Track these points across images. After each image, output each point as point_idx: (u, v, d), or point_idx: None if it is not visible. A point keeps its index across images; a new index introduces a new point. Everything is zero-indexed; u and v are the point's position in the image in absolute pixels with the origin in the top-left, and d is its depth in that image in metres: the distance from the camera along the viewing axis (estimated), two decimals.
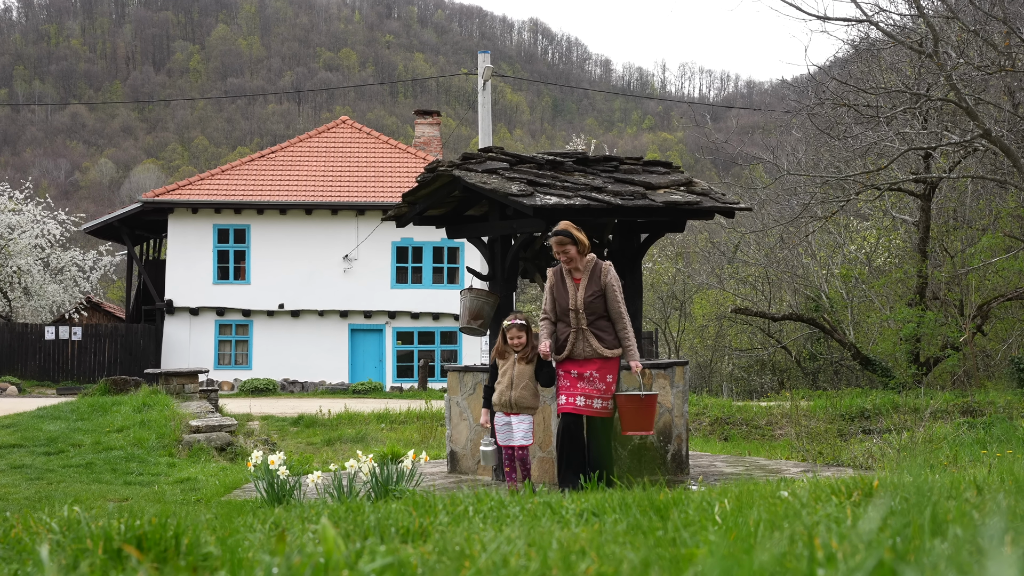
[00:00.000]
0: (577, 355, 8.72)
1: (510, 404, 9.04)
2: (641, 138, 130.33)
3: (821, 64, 26.54)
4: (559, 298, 8.78)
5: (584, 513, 2.89)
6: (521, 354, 9.15)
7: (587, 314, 8.69)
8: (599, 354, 8.69)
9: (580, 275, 8.77)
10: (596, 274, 8.77)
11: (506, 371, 9.15)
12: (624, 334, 8.78)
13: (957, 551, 1.74)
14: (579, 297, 8.68)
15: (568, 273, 8.79)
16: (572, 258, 8.67)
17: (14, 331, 36.53)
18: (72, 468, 14.37)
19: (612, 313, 8.75)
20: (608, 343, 8.73)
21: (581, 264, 8.77)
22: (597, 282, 8.74)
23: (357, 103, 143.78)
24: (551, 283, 8.88)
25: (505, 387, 9.11)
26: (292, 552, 2.17)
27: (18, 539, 2.54)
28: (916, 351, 26.88)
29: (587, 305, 8.67)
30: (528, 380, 9.08)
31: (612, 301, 8.73)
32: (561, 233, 8.67)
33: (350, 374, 35.75)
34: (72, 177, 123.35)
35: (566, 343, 8.72)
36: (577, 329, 8.71)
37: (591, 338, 8.69)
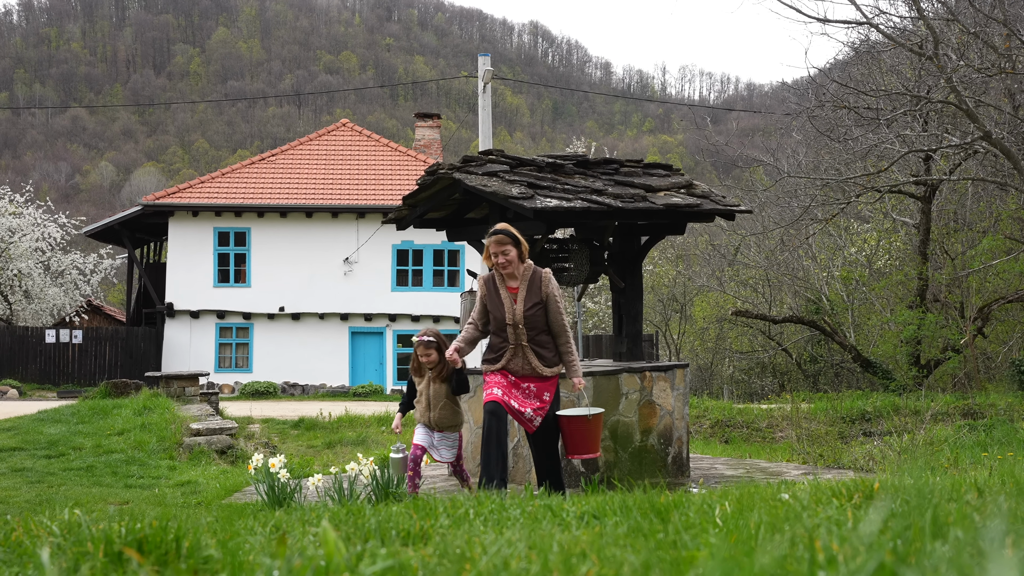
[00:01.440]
0: (513, 371, 7.94)
1: (432, 424, 8.67)
2: (641, 141, 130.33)
3: (821, 66, 26.55)
4: (494, 311, 7.91)
5: (585, 516, 2.89)
6: (434, 373, 8.65)
7: (527, 329, 7.85)
8: (538, 373, 7.92)
9: (517, 284, 7.91)
10: (536, 284, 7.89)
11: (422, 391, 8.71)
12: (566, 348, 7.98)
13: (958, 553, 1.73)
14: (518, 311, 7.85)
15: (501, 281, 7.94)
16: (511, 261, 7.81)
17: (15, 334, 36.53)
18: (73, 471, 14.37)
19: (554, 327, 7.93)
20: (548, 361, 7.95)
21: (519, 271, 7.92)
22: (537, 293, 7.88)
23: (357, 106, 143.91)
24: (482, 294, 8.00)
25: (424, 408, 8.69)
26: (293, 555, 2.17)
27: (19, 542, 2.54)
28: (917, 353, 26.87)
29: (527, 320, 7.83)
30: (445, 399, 8.63)
31: (555, 313, 7.90)
32: (501, 232, 7.86)
33: (351, 377, 35.74)
34: (72, 180, 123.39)
35: (501, 358, 7.92)
36: (516, 345, 7.88)
37: (530, 355, 7.88)
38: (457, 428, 8.73)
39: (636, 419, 9.96)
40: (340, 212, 35.40)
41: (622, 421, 9.87)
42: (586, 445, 7.98)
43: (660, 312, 44.66)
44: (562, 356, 8.01)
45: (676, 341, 43.89)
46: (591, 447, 7.99)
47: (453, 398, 8.66)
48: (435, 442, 8.69)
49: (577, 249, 10.35)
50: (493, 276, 8.01)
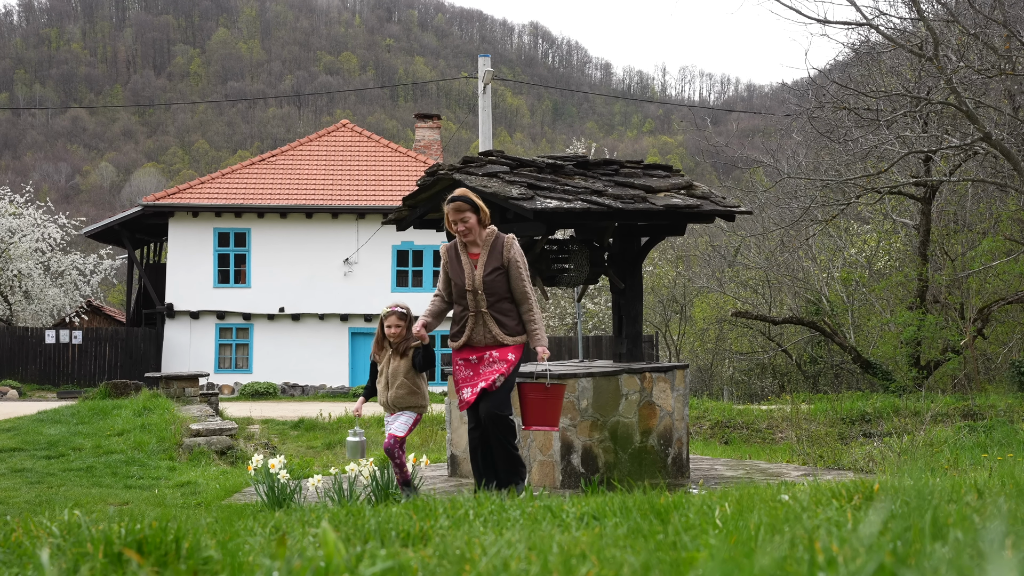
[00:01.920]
0: (476, 342, 7.70)
1: (388, 405, 8.33)
2: (641, 141, 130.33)
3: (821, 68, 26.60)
4: (455, 277, 7.74)
5: (585, 517, 2.89)
6: (396, 347, 8.36)
7: (487, 295, 7.62)
8: (499, 342, 7.65)
9: (478, 250, 7.72)
10: (497, 248, 7.69)
11: (383, 369, 8.41)
12: (529, 316, 7.73)
13: (958, 555, 1.74)
14: (477, 276, 7.63)
15: (463, 248, 7.76)
16: (471, 228, 7.62)
17: (15, 335, 36.53)
18: (72, 472, 14.37)
19: (516, 293, 7.70)
20: (510, 329, 7.69)
21: (480, 237, 7.72)
22: (498, 257, 7.65)
23: (357, 107, 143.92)
24: (444, 261, 7.86)
25: (383, 387, 8.36)
26: (292, 556, 2.17)
27: (18, 543, 2.54)
28: (917, 354, 26.87)
29: (487, 285, 7.62)
30: (404, 377, 8.27)
31: (516, 279, 7.66)
32: (459, 199, 7.69)
33: (351, 377, 35.75)
34: (73, 181, 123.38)
35: (464, 329, 7.70)
36: (476, 312, 7.67)
37: (491, 323, 7.64)
38: (417, 409, 8.38)
39: (636, 420, 9.96)
40: (340, 213, 35.40)
41: (622, 422, 9.87)
42: (544, 416, 7.69)
43: (660, 313, 44.67)
44: (525, 324, 7.78)
45: (676, 342, 43.89)
46: (551, 419, 7.69)
47: (414, 377, 8.33)
48: (391, 419, 8.36)
49: (577, 250, 10.35)
50: (455, 244, 7.83)
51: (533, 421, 7.68)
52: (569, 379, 9.51)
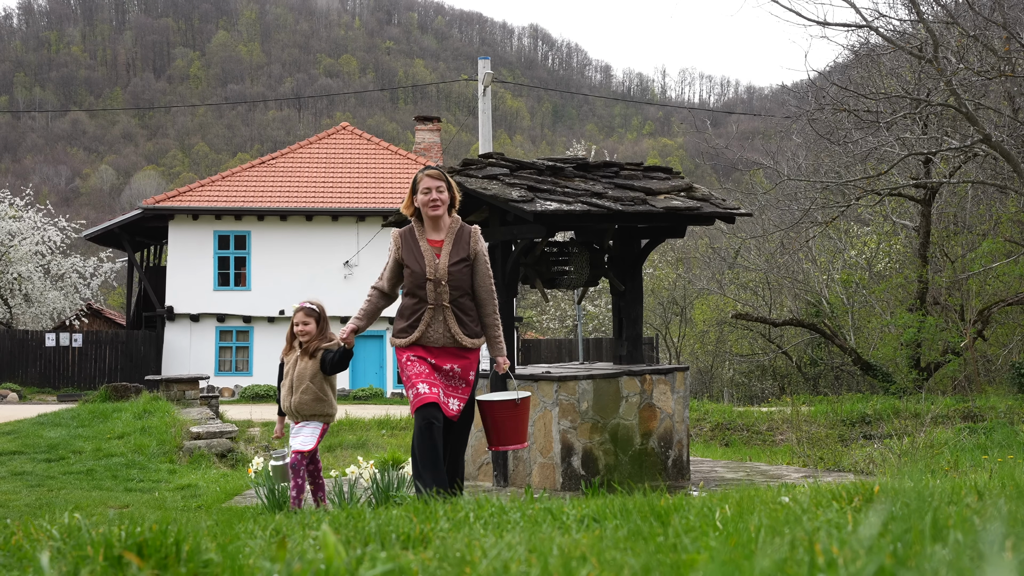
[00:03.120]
0: (430, 340, 6.93)
1: (292, 412, 7.57)
2: (641, 144, 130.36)
3: (821, 69, 26.57)
4: (411, 264, 6.95)
5: (585, 519, 2.89)
6: (304, 347, 7.62)
7: (450, 287, 6.92)
8: (459, 343, 6.95)
9: (441, 237, 7.06)
10: (464, 238, 7.05)
11: (288, 372, 7.67)
12: (493, 320, 7.10)
13: (958, 557, 1.74)
14: (441, 265, 6.92)
15: (422, 233, 7.06)
16: (443, 202, 6.97)
17: (15, 338, 36.53)
18: (73, 475, 14.37)
19: (481, 292, 7.06)
20: (471, 330, 7.01)
21: (445, 222, 7.08)
22: (464, 248, 7.01)
23: (357, 109, 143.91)
24: (398, 245, 7.08)
25: (287, 392, 7.59)
26: (293, 559, 2.17)
27: (19, 546, 2.54)
28: (917, 356, 26.87)
29: (451, 276, 6.91)
30: (310, 381, 7.52)
31: (483, 276, 7.05)
32: (436, 169, 7.12)
33: (350, 380, 35.74)
34: (72, 184, 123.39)
35: (417, 323, 6.92)
36: (436, 306, 6.91)
37: (451, 320, 6.93)
38: (323, 419, 7.60)
39: (636, 422, 9.95)
40: (340, 215, 35.41)
41: (622, 424, 9.87)
42: (514, 434, 7.06)
43: (660, 315, 44.68)
44: (486, 329, 7.13)
45: (676, 344, 43.90)
46: (519, 436, 7.06)
47: (321, 382, 7.56)
48: (295, 431, 7.59)
49: (577, 252, 10.35)
50: (412, 229, 7.13)
51: (501, 441, 7.06)
52: (569, 381, 9.51)
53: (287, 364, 7.75)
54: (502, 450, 7.10)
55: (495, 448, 7.12)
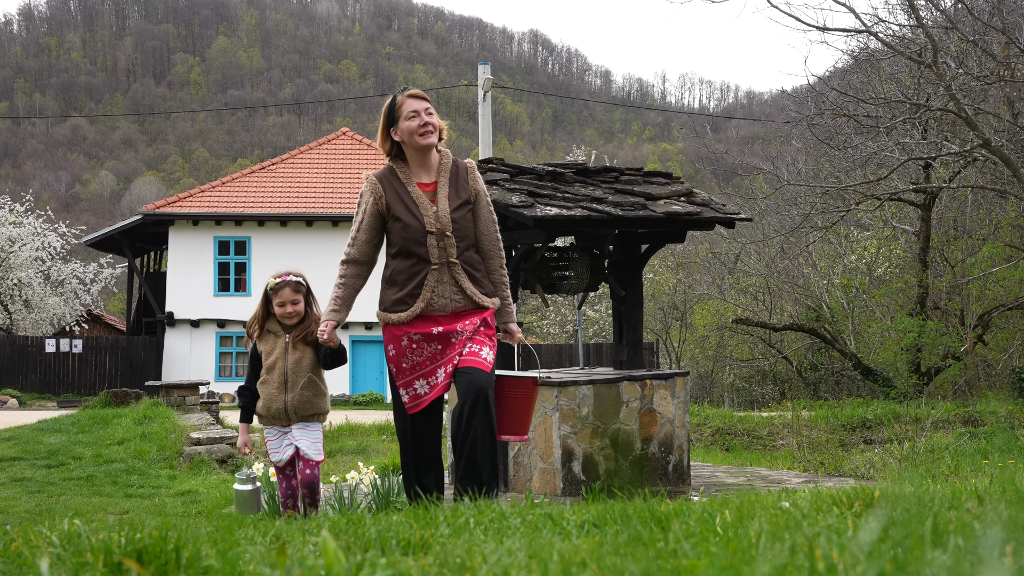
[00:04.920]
0: (438, 308, 5.50)
1: (286, 413, 6.22)
2: (641, 149, 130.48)
3: (821, 74, 26.60)
4: (403, 215, 5.49)
5: (585, 524, 2.89)
6: (299, 331, 6.30)
7: (457, 239, 5.53)
8: (477, 303, 5.56)
9: (431, 178, 5.64)
10: (461, 177, 5.68)
11: (275, 362, 6.25)
12: (500, 276, 5.77)
13: (958, 562, 1.74)
14: (441, 210, 5.51)
15: (408, 176, 5.61)
16: (435, 129, 5.57)
17: (15, 344, 36.54)
18: (73, 481, 14.36)
19: (486, 241, 5.70)
20: (486, 288, 5.65)
21: (434, 160, 5.67)
22: (464, 188, 5.64)
23: (357, 115, 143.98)
24: (377, 194, 5.57)
25: (275, 388, 6.21)
26: (292, 565, 2.17)
27: (18, 553, 2.54)
28: (917, 361, 26.87)
29: (457, 224, 5.53)
30: (310, 372, 6.27)
31: (486, 221, 5.69)
32: (418, 89, 5.72)
33: (351, 386, 35.74)
34: (73, 190, 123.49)
35: (419, 290, 5.48)
36: (441, 265, 5.49)
37: (463, 278, 5.52)
38: (322, 417, 6.43)
39: (637, 427, 9.95)
40: (340, 221, 35.42)
41: (623, 429, 9.86)
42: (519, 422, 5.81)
43: (660, 320, 44.67)
44: (496, 288, 5.76)
45: (677, 349, 43.89)
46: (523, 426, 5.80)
47: (320, 372, 6.35)
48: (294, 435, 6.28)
49: (577, 257, 10.35)
50: (392, 171, 5.66)
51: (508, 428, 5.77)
52: (570, 387, 9.50)
53: (266, 354, 6.31)
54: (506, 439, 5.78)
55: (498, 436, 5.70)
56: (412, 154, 5.64)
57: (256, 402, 6.36)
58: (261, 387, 6.30)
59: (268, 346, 6.34)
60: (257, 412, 6.35)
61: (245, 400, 6.44)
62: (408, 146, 5.62)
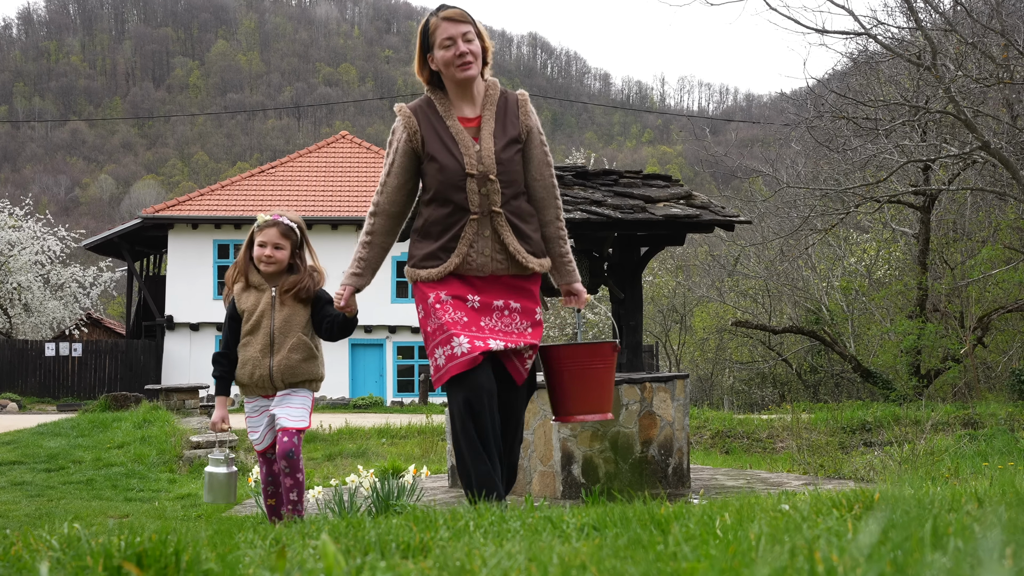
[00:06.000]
0: (476, 267, 4.62)
1: (271, 380, 5.30)
2: (640, 151, 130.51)
3: (820, 77, 26.64)
4: (440, 155, 4.64)
5: (585, 527, 2.89)
6: (288, 283, 5.36)
7: (503, 185, 4.63)
8: (520, 266, 4.66)
9: (475, 111, 4.79)
10: (511, 110, 4.79)
11: (258, 321, 5.33)
12: (556, 229, 4.87)
13: (958, 564, 1.74)
14: (485, 150, 4.64)
15: (447, 108, 4.79)
16: (474, 59, 4.72)
17: (14, 347, 36.53)
18: (72, 485, 14.36)
19: (538, 188, 4.80)
20: (535, 246, 4.74)
21: (479, 90, 4.82)
22: (513, 123, 4.75)
23: (357, 118, 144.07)
24: (412, 129, 4.76)
25: (259, 351, 5.30)
26: (292, 568, 2.17)
27: (18, 556, 2.54)
28: (917, 363, 26.86)
29: (503, 165, 4.64)
30: (301, 332, 5.35)
31: (540, 164, 4.79)
32: (456, 8, 4.90)
33: (351, 389, 35.72)
34: (72, 193, 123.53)
35: (454, 243, 4.62)
36: (481, 215, 4.61)
37: (506, 233, 4.62)
38: (314, 385, 5.45)
39: (636, 430, 9.95)
40: (340, 224, 35.42)
41: (622, 432, 9.86)
42: (602, 396, 4.87)
43: (660, 323, 44.67)
44: (548, 244, 4.87)
45: (676, 352, 43.89)
46: (606, 400, 4.89)
47: (313, 334, 5.45)
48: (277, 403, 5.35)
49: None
50: (429, 103, 4.88)
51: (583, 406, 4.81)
52: None
53: (248, 312, 5.40)
54: (579, 421, 4.86)
55: (569, 418, 4.87)
56: (452, 84, 4.82)
57: (231, 371, 5.45)
58: (242, 350, 5.35)
59: (250, 302, 5.39)
60: (238, 381, 5.41)
61: (222, 368, 5.44)
62: (447, 77, 4.84)
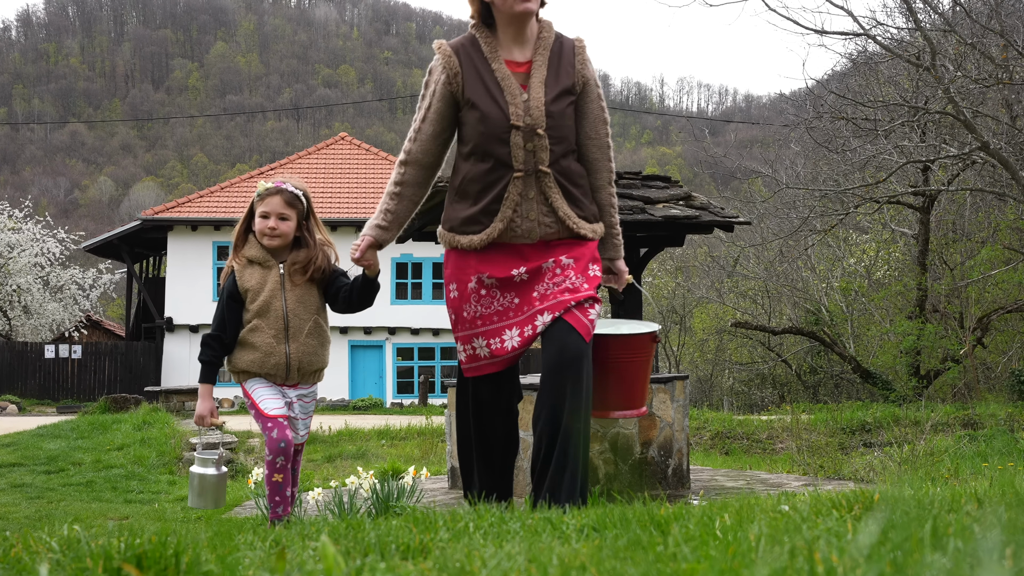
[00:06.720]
0: (521, 232, 4.08)
1: (287, 369, 4.72)
2: (640, 152, 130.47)
3: (819, 78, 26.68)
4: (482, 102, 4.08)
5: (585, 528, 2.89)
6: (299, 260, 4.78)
7: (552, 141, 4.07)
8: (574, 231, 4.14)
9: (526, 55, 4.20)
10: (563, 57, 4.24)
11: (267, 302, 4.71)
12: (608, 195, 4.35)
13: (957, 565, 1.74)
14: (534, 100, 4.08)
15: (494, 50, 4.20)
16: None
17: (14, 350, 36.52)
18: (72, 486, 14.35)
19: (591, 147, 4.24)
20: (587, 210, 4.21)
21: (532, 32, 4.25)
22: (568, 72, 4.20)
23: (356, 119, 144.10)
24: (452, 71, 4.18)
25: (272, 336, 4.69)
26: (292, 570, 2.17)
27: (18, 558, 2.54)
28: (916, 364, 26.86)
29: (552, 119, 4.09)
30: (315, 315, 4.79)
31: (595, 120, 4.25)
32: None
33: (350, 390, 35.71)
34: (71, 195, 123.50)
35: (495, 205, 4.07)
36: (526, 173, 4.05)
37: (555, 195, 4.08)
38: (321, 375, 4.95)
39: (636, 431, 9.95)
40: (339, 225, 35.40)
41: (622, 433, 9.86)
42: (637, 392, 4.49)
43: (659, 324, 44.58)
44: (601, 209, 4.35)
45: (676, 353, 43.88)
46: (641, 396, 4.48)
47: (327, 316, 4.89)
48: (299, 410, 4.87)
49: None
50: (472, 42, 4.29)
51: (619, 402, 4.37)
52: None
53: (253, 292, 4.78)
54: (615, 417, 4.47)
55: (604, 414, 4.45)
56: (504, 21, 4.19)
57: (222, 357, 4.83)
58: (251, 335, 4.72)
59: (255, 280, 4.79)
60: (244, 369, 4.78)
61: (213, 353, 4.79)
62: (500, 11, 4.18)
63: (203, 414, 4.84)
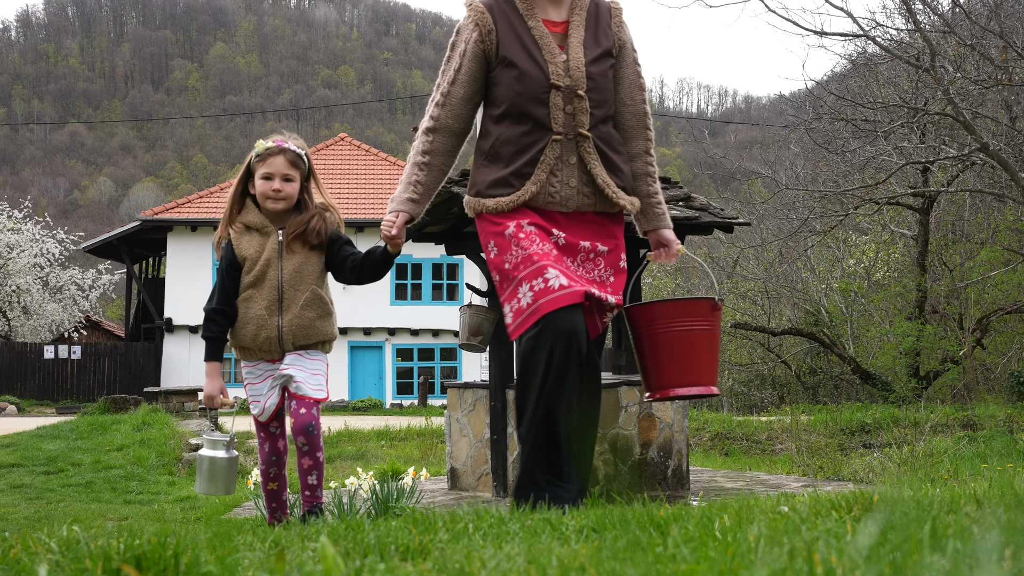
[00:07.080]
0: (557, 198, 3.90)
1: (279, 343, 4.41)
2: None
3: (819, 79, 26.72)
4: (519, 59, 3.91)
5: (584, 529, 2.89)
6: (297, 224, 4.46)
7: (591, 103, 3.93)
8: (612, 203, 4.00)
9: (563, 15, 4.05)
10: (599, 17, 4.10)
11: (263, 271, 4.42)
12: (646, 164, 4.21)
13: (956, 566, 1.74)
14: (574, 60, 3.94)
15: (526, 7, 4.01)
16: None
17: (13, 350, 36.51)
18: (71, 487, 14.35)
19: (627, 114, 4.14)
20: (626, 181, 4.08)
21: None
22: (606, 34, 4.07)
23: (356, 120, 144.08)
24: (486, 27, 3.97)
25: (264, 307, 4.39)
26: (291, 571, 2.17)
27: (17, 559, 2.54)
28: (916, 365, 26.87)
29: (593, 80, 3.95)
30: (315, 284, 4.47)
31: (632, 85, 4.13)
32: None
33: (350, 391, 35.70)
34: (71, 196, 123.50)
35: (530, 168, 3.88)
36: (565, 137, 3.89)
37: (594, 162, 3.92)
38: (327, 346, 4.61)
39: (636, 432, 9.95)
40: None
41: (622, 434, 9.86)
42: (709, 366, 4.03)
43: None
44: (636, 180, 4.17)
45: None
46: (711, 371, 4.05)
47: (327, 286, 4.58)
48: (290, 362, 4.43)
49: None
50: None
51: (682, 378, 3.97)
52: None
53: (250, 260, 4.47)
54: (679, 396, 4.10)
55: (665, 392, 4.05)
56: None
57: (227, 331, 4.52)
58: (243, 306, 4.42)
59: (253, 247, 4.47)
60: (237, 343, 4.51)
61: (218, 328, 4.46)
62: None
63: (212, 394, 4.59)
